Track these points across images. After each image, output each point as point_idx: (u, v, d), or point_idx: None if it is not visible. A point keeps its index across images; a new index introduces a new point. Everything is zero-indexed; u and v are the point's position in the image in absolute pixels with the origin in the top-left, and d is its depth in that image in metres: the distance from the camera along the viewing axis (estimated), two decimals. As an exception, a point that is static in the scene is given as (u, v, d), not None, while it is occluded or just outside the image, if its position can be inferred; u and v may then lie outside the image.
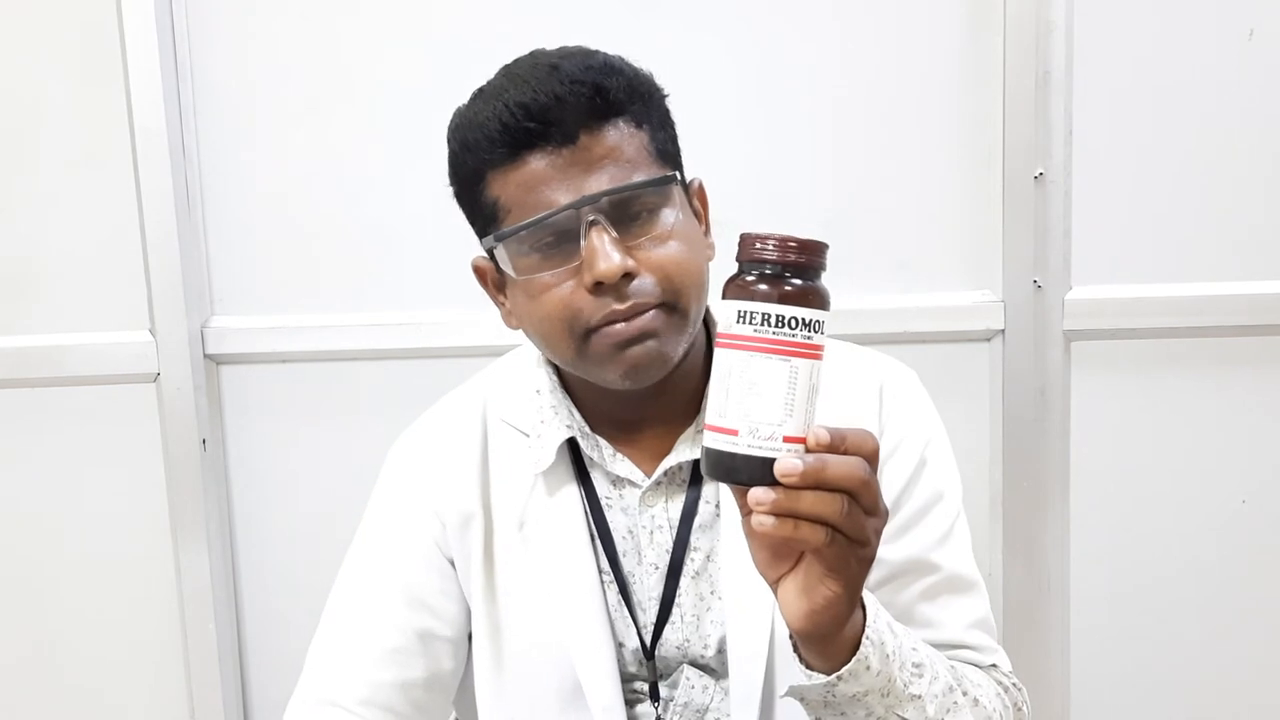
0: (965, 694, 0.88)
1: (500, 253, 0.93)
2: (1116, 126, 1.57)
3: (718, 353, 0.72)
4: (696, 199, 0.99)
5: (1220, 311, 1.59)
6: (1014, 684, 1.00)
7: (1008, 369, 1.61)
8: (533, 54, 0.94)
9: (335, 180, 1.64)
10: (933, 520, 1.00)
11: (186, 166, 1.63)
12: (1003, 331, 1.60)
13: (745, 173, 1.59)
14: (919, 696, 0.83)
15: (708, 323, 1.01)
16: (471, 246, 1.00)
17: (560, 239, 0.89)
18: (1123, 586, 1.67)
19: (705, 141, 1.56)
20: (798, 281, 0.71)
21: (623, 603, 1.00)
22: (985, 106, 1.57)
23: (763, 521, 0.69)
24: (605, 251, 0.87)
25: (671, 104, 0.97)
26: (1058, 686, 1.68)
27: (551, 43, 0.96)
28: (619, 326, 0.89)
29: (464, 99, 0.95)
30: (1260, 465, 1.64)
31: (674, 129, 0.97)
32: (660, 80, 0.96)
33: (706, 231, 0.99)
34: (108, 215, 1.64)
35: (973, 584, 1.02)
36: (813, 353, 0.71)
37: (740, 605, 0.97)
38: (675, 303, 0.90)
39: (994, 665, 1.00)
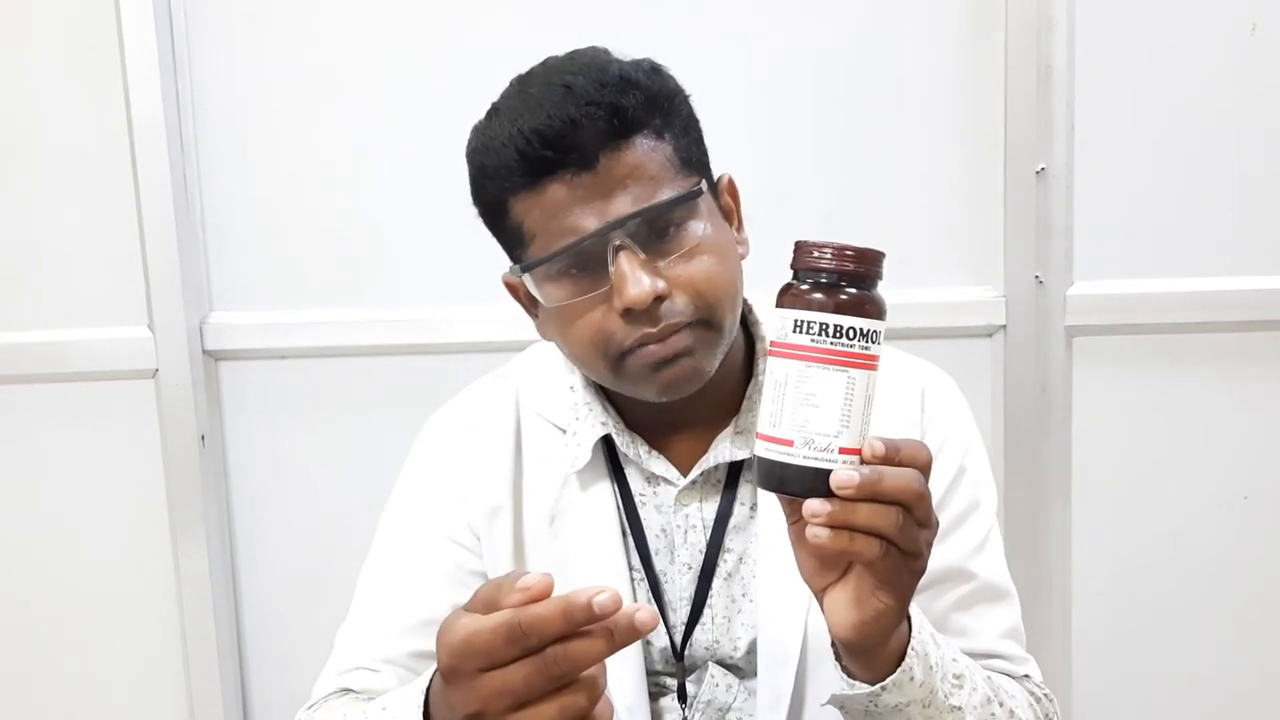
0: (1002, 705, 0.88)
1: (529, 280, 0.92)
2: (1118, 122, 1.57)
3: (772, 361, 0.71)
4: (726, 194, 0.97)
5: (1223, 307, 1.59)
6: (1045, 694, 0.99)
7: (1009, 365, 1.61)
8: (546, 66, 0.91)
9: (334, 175, 1.63)
10: (970, 528, 1.00)
11: (184, 162, 1.62)
12: (1004, 327, 1.60)
13: (746, 168, 1.56)
14: (959, 708, 0.83)
15: (747, 322, 1.00)
16: (473, 245, 1.00)
17: (588, 265, 0.88)
18: (1124, 582, 1.67)
19: (706, 136, 1.56)
20: (854, 290, 0.70)
21: (653, 601, 0.99)
22: (987, 102, 1.57)
23: (817, 534, 0.69)
24: (635, 277, 0.86)
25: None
26: (1059, 682, 1.68)
27: (553, 40, 0.95)
28: (653, 348, 0.88)
29: (463, 93, 0.95)
30: (1263, 461, 1.63)
31: (698, 131, 0.95)
32: None
33: (739, 227, 0.98)
34: (105, 210, 1.64)
35: (1006, 593, 1.01)
36: (869, 363, 0.70)
37: (773, 609, 0.96)
38: (709, 319, 0.89)
39: (1026, 675, 1.00)
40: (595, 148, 0.86)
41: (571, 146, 0.85)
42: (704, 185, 0.91)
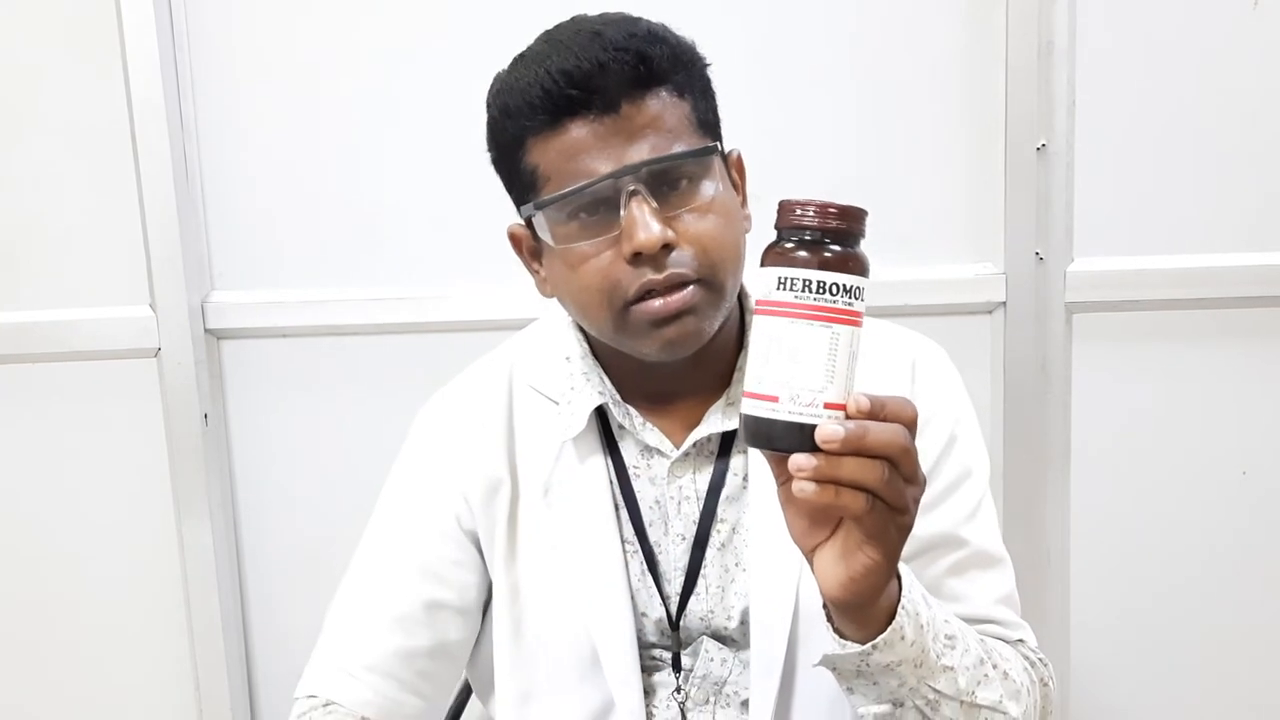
0: (995, 667, 0.89)
1: (539, 220, 0.92)
2: (1119, 98, 1.57)
3: (757, 320, 0.72)
4: (735, 170, 0.98)
5: (1222, 283, 1.59)
6: (1040, 659, 1.01)
7: (1009, 341, 1.61)
8: (574, 20, 0.93)
9: (335, 153, 1.63)
10: (961, 496, 1.00)
11: (185, 140, 1.62)
12: (1004, 304, 1.60)
13: (747, 146, 1.57)
14: (951, 668, 0.83)
15: (741, 295, 1.01)
16: (475, 223, 1.00)
17: (600, 208, 0.89)
18: (1123, 557, 1.68)
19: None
20: (837, 248, 0.71)
21: (647, 573, 1.00)
22: (987, 78, 1.56)
23: (803, 488, 0.69)
24: (645, 222, 0.87)
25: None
26: (1058, 656, 1.69)
27: (558, 17, 0.95)
28: (657, 304, 0.89)
29: (465, 73, 0.95)
30: (1261, 437, 1.64)
31: (715, 99, 0.96)
32: None
33: (744, 203, 0.99)
34: (106, 190, 1.64)
35: (999, 560, 1.02)
36: (853, 319, 0.71)
37: (764, 578, 0.97)
38: (712, 278, 0.90)
39: (1020, 640, 1.01)
40: (619, 93, 0.87)
41: (596, 88, 0.87)
42: (719, 148, 0.92)
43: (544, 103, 0.88)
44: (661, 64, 0.89)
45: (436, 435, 1.06)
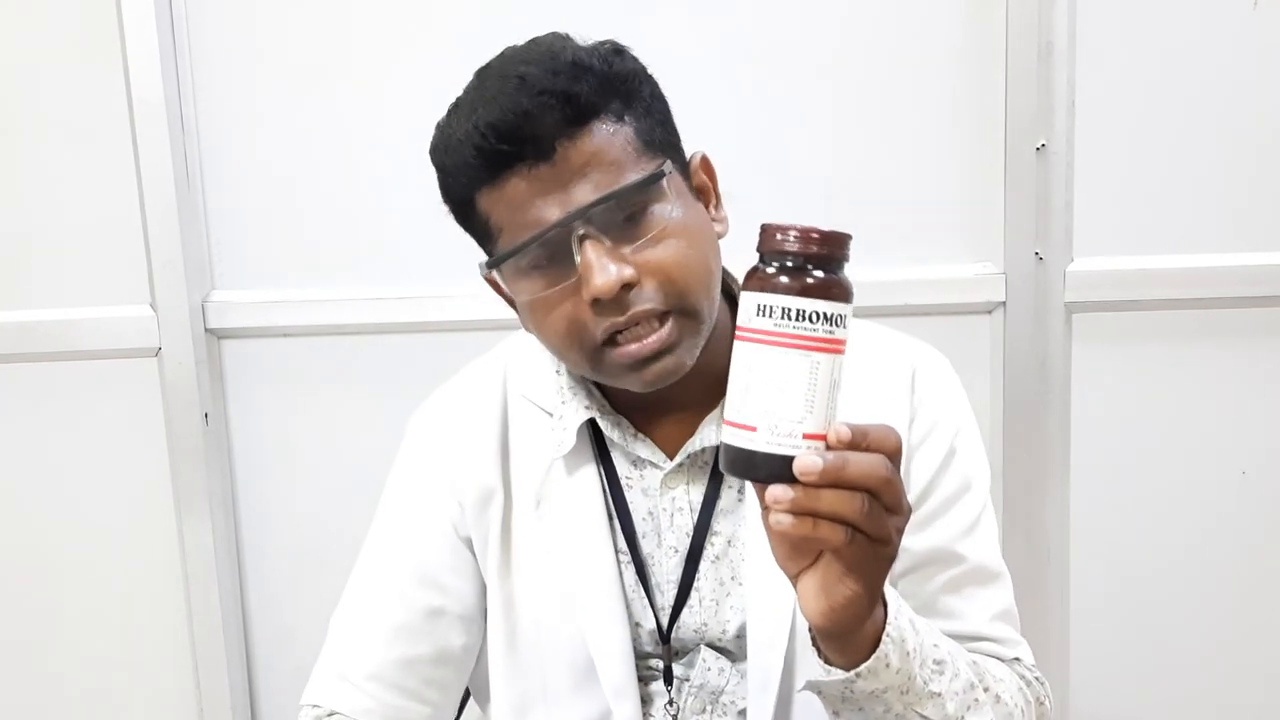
0: (987, 690, 0.87)
1: (498, 276, 0.91)
2: (1119, 98, 1.56)
3: (737, 346, 0.70)
4: (701, 173, 0.95)
5: (1222, 283, 1.59)
6: (1036, 678, 0.99)
7: (1009, 341, 1.61)
8: (503, 58, 0.90)
9: (336, 154, 1.63)
10: (960, 511, 0.99)
11: (186, 140, 1.62)
12: (1004, 304, 1.60)
13: (745, 146, 1.58)
14: (939, 694, 0.82)
15: (733, 298, 0.98)
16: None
17: (555, 257, 0.86)
18: (1123, 558, 1.68)
19: (706, 115, 1.55)
20: (819, 274, 0.69)
21: (640, 584, 0.99)
22: (987, 77, 1.56)
23: (780, 520, 0.68)
24: (601, 265, 0.84)
25: (673, 78, 0.94)
26: (1057, 658, 1.69)
27: (554, 20, 0.95)
28: (633, 347, 0.87)
29: (466, 72, 0.94)
30: (1261, 437, 1.64)
31: (662, 109, 0.93)
32: (660, 54, 0.93)
33: (717, 205, 0.96)
34: (107, 190, 1.64)
35: (997, 575, 1.00)
36: (834, 347, 0.69)
37: (761, 592, 0.96)
38: (682, 305, 0.88)
39: (1017, 659, 0.99)
40: (551, 137, 0.84)
41: (526, 138, 0.84)
42: (669, 166, 0.88)
43: (478, 160, 0.86)
44: (590, 97, 0.85)
45: (431, 442, 1.05)
